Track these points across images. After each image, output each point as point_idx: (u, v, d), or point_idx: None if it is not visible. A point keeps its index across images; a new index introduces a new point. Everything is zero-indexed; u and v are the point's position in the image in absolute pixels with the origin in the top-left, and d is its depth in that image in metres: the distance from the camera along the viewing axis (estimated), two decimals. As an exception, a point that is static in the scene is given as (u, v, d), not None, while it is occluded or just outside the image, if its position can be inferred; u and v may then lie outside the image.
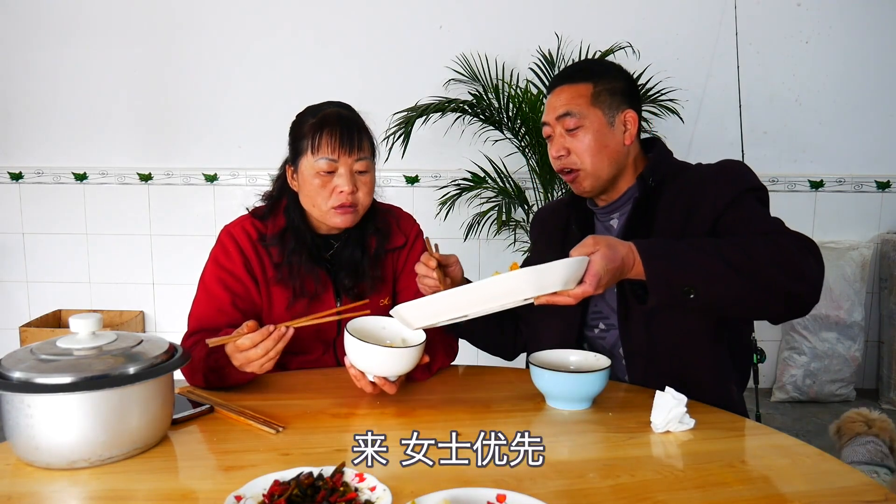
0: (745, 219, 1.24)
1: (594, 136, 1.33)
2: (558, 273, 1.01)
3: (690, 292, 1.10)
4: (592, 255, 1.06)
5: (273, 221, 1.41)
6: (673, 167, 1.39)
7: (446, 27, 3.25)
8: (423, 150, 3.22)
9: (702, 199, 1.29)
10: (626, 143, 1.36)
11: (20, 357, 0.94)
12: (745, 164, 1.34)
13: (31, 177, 3.36)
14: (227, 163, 3.35)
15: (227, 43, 3.28)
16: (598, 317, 1.41)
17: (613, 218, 1.42)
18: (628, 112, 1.36)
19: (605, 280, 1.06)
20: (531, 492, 0.81)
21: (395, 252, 1.48)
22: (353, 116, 1.37)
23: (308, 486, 0.80)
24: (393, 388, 1.17)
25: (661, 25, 3.23)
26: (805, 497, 0.85)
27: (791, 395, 3.28)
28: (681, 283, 1.10)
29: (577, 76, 1.37)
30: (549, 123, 1.38)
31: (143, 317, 3.45)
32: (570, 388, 1.14)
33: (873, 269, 3.34)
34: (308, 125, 1.34)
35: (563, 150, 1.35)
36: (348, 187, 1.31)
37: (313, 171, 1.32)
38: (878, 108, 3.31)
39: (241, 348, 1.12)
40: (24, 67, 3.29)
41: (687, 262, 1.11)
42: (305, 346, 1.41)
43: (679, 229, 1.29)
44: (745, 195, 1.27)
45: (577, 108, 1.33)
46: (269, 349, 1.12)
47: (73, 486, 0.88)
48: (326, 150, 1.31)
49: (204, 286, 1.37)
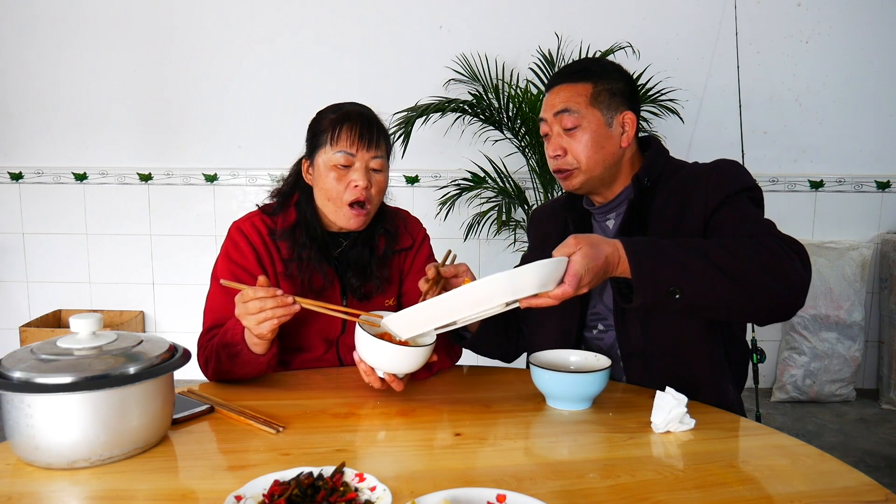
0: (737, 219, 1.24)
1: (591, 136, 1.33)
2: (531, 276, 1.00)
3: (676, 292, 1.09)
4: (573, 254, 1.05)
5: (283, 217, 1.42)
6: (668, 166, 1.38)
7: (446, 27, 3.25)
8: (423, 150, 3.22)
9: (695, 197, 1.29)
10: (623, 146, 1.36)
11: (20, 357, 0.94)
12: (739, 163, 1.33)
13: (31, 177, 3.36)
14: (227, 163, 3.35)
15: (228, 43, 3.28)
16: (597, 318, 1.41)
17: (610, 218, 1.42)
18: (627, 114, 1.35)
19: (586, 280, 1.05)
20: (531, 492, 0.81)
21: (401, 253, 1.49)
22: (373, 116, 1.40)
23: (308, 486, 0.80)
24: (401, 385, 1.18)
25: (661, 25, 3.23)
26: (805, 497, 0.85)
27: (791, 395, 3.28)
28: (666, 282, 1.09)
29: (577, 75, 1.36)
30: (547, 120, 1.37)
31: (143, 317, 3.45)
32: (570, 388, 1.14)
33: (873, 269, 3.34)
34: (328, 119, 1.37)
35: (559, 149, 1.35)
36: (363, 182, 1.33)
37: (330, 163, 1.34)
38: (878, 108, 3.31)
39: (245, 298, 1.15)
40: (24, 67, 3.29)
41: (673, 262, 1.10)
42: (308, 344, 1.42)
43: (672, 228, 1.29)
44: (738, 195, 1.27)
45: (576, 107, 1.33)
46: (265, 308, 1.13)
47: (73, 486, 0.88)
48: (346, 143, 1.33)
49: (216, 279, 1.39)
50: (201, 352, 1.32)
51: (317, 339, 1.42)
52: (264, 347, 1.23)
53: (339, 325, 1.42)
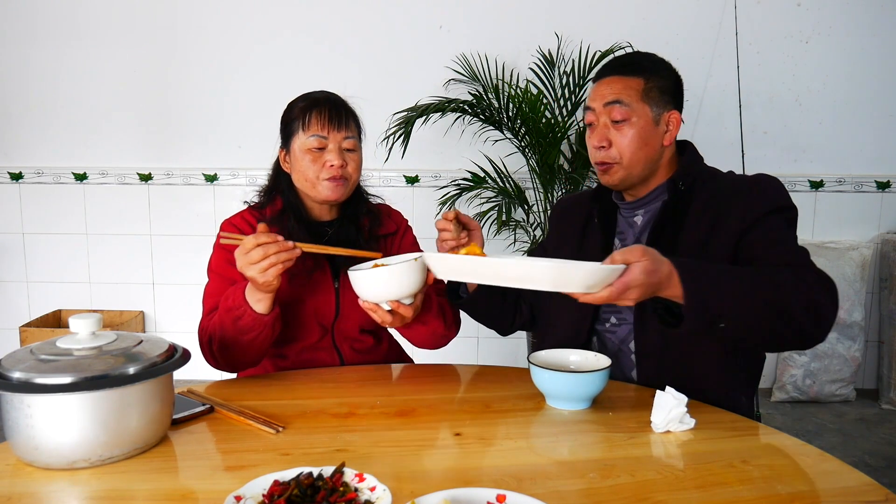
0: (771, 241, 1.23)
1: (638, 131, 1.32)
2: (582, 276, 0.99)
3: (722, 321, 1.08)
4: (634, 264, 1.02)
5: (271, 207, 1.47)
6: (703, 173, 1.38)
7: (446, 27, 3.25)
8: (423, 150, 3.22)
9: (732, 209, 1.28)
10: (665, 144, 1.35)
11: (20, 357, 0.94)
12: (778, 180, 1.32)
13: (31, 177, 3.36)
14: (227, 163, 3.35)
15: (228, 43, 3.28)
16: (611, 310, 1.39)
17: (638, 215, 1.41)
18: (673, 113, 1.35)
19: (634, 294, 1.03)
20: (531, 492, 0.81)
21: (386, 238, 1.54)
22: (341, 100, 1.46)
23: (308, 486, 0.79)
24: (409, 310, 1.22)
25: (661, 25, 3.23)
26: (805, 497, 0.85)
27: (791, 395, 3.28)
28: (717, 313, 1.07)
29: (630, 69, 1.34)
30: (595, 109, 1.35)
31: (143, 317, 3.45)
32: (570, 387, 1.14)
33: (873, 269, 3.34)
34: (298, 108, 1.43)
35: (605, 140, 1.33)
36: (338, 161, 1.38)
37: (304, 147, 1.40)
38: (878, 108, 3.31)
39: (246, 248, 1.17)
40: (24, 67, 3.29)
41: (725, 294, 1.08)
42: (303, 332, 1.44)
43: (705, 237, 1.28)
44: (775, 214, 1.26)
45: (628, 100, 1.32)
46: (269, 253, 1.15)
47: (73, 486, 0.88)
48: (316, 127, 1.39)
49: (213, 270, 1.43)
50: (203, 334, 1.33)
51: (311, 323, 1.44)
52: (267, 305, 1.24)
53: (332, 310, 1.45)
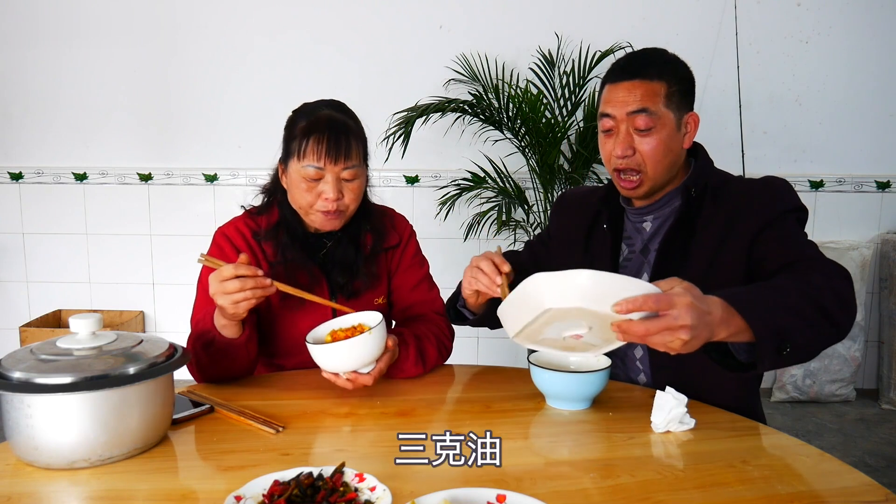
0: (784, 237, 1.21)
1: (663, 139, 1.27)
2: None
3: (787, 348, 0.97)
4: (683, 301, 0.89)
5: (267, 217, 1.43)
6: (714, 177, 1.34)
7: (446, 27, 3.25)
8: (423, 150, 3.22)
9: (746, 211, 1.26)
10: (685, 147, 1.32)
11: (20, 357, 0.94)
12: (788, 182, 1.30)
13: (31, 177, 3.36)
14: (227, 163, 3.35)
15: (227, 43, 3.27)
16: None
17: (647, 220, 1.37)
18: (692, 114, 1.32)
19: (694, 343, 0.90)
20: (531, 492, 0.81)
21: (388, 252, 1.49)
22: (345, 121, 1.35)
23: (308, 486, 0.80)
24: (368, 379, 1.19)
25: (661, 25, 3.23)
26: (805, 497, 0.85)
27: (791, 395, 3.28)
28: (783, 337, 0.97)
29: (651, 72, 1.28)
30: (616, 117, 1.29)
31: (143, 317, 3.45)
32: (570, 388, 1.14)
33: (873, 269, 3.34)
34: (298, 128, 1.33)
35: (629, 149, 1.28)
36: (333, 195, 1.31)
37: (300, 175, 1.32)
38: (878, 108, 3.31)
39: (222, 276, 1.12)
40: (24, 67, 3.28)
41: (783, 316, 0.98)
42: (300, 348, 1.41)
43: (718, 241, 1.26)
44: (787, 215, 1.25)
45: (654, 108, 1.26)
46: (245, 287, 1.12)
47: (73, 486, 0.88)
48: (312, 157, 1.30)
49: (203, 287, 1.38)
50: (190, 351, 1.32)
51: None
52: (235, 330, 1.22)
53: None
